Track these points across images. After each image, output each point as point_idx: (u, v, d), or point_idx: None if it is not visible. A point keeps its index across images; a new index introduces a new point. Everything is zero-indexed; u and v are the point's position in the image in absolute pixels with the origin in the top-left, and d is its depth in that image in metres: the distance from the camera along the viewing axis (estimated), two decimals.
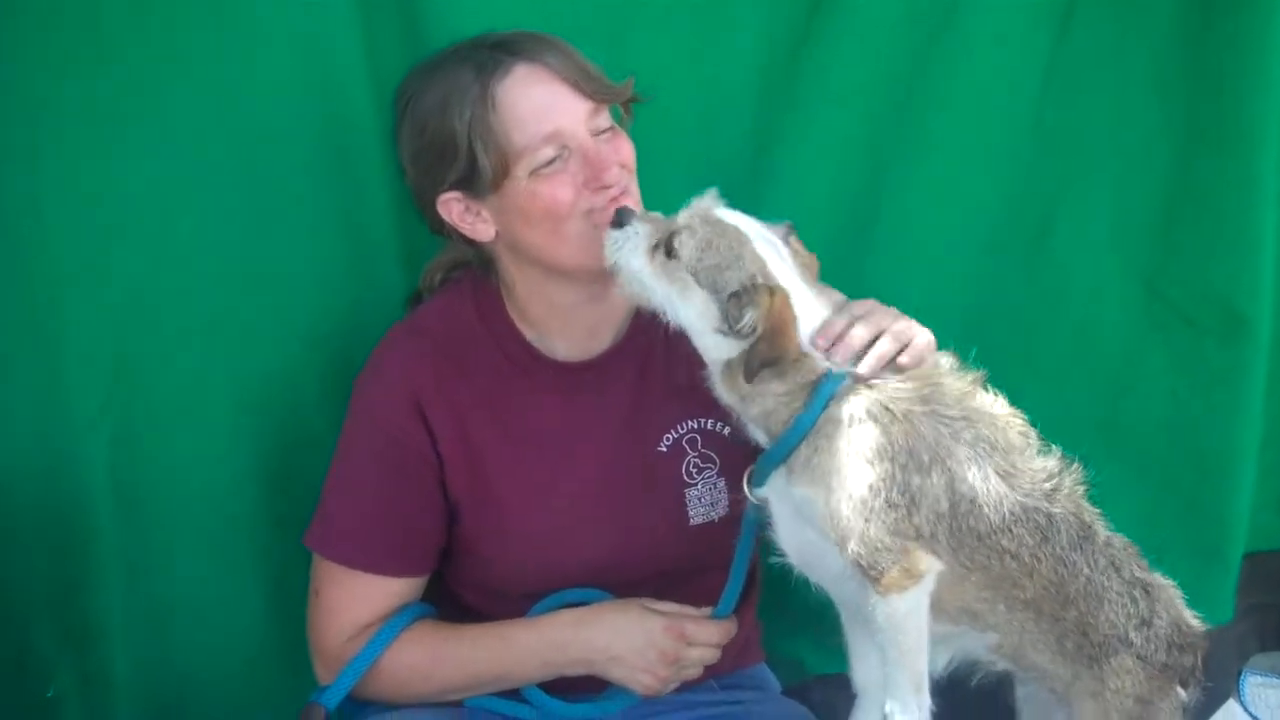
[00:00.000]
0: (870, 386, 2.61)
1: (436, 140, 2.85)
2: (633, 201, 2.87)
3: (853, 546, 2.56)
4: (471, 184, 2.85)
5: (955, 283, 3.41)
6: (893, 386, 2.61)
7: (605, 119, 2.87)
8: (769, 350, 2.57)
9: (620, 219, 2.70)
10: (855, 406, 2.59)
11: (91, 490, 3.12)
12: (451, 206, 2.90)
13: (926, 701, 2.65)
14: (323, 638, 2.99)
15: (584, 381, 3.01)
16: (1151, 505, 2.94)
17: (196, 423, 3.18)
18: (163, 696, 3.30)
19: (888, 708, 2.65)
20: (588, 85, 2.82)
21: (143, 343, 3.11)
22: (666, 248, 2.64)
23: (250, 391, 3.20)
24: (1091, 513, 2.70)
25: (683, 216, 2.66)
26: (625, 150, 2.89)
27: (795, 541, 2.72)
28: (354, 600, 2.97)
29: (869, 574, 2.58)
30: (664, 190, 2.83)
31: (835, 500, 2.57)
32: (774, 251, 2.65)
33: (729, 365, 2.65)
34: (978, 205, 3.51)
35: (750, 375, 2.58)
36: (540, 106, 2.80)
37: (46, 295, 3.02)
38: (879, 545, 2.56)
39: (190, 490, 3.21)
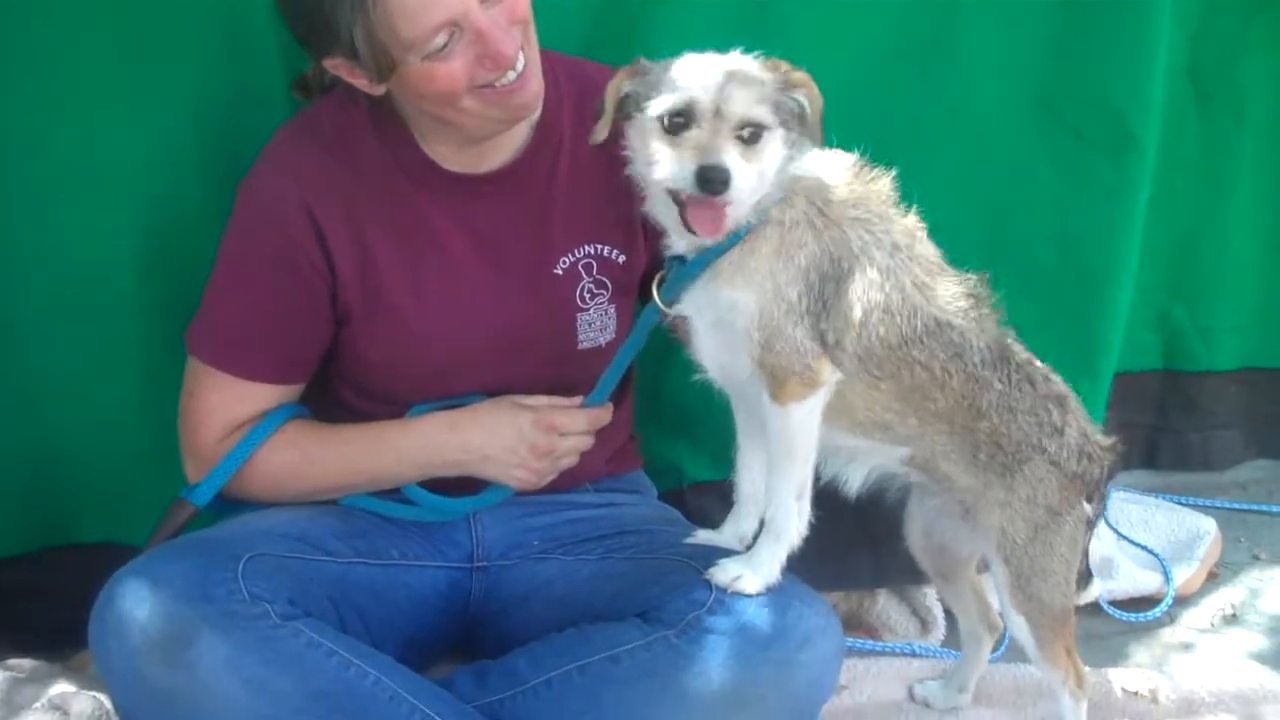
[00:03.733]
0: (805, 191, 2.59)
1: (316, 21, 2.68)
2: (529, 49, 2.75)
3: (777, 348, 2.55)
4: (358, 61, 2.70)
5: (855, 88, 3.32)
6: (826, 191, 2.60)
7: None
8: (816, 122, 2.56)
9: (710, 182, 2.43)
10: (792, 210, 2.57)
11: None
12: (339, 68, 2.76)
13: (806, 509, 2.68)
14: (194, 437, 2.93)
15: (481, 193, 2.93)
16: (1036, 318, 2.96)
17: (73, 197, 3.11)
18: (34, 474, 3.29)
19: (769, 512, 2.68)
20: None
21: (17, 113, 3.03)
22: (751, 139, 2.49)
23: (130, 169, 3.11)
24: (1007, 334, 2.74)
25: (727, 105, 2.47)
26: (520, 6, 2.73)
27: (714, 352, 2.70)
28: (229, 403, 2.91)
29: (774, 380, 2.58)
30: None
31: (765, 301, 2.56)
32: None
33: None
34: (879, 7, 3.43)
35: None
36: None
37: None
38: (799, 349, 2.56)
39: (66, 266, 3.16)
